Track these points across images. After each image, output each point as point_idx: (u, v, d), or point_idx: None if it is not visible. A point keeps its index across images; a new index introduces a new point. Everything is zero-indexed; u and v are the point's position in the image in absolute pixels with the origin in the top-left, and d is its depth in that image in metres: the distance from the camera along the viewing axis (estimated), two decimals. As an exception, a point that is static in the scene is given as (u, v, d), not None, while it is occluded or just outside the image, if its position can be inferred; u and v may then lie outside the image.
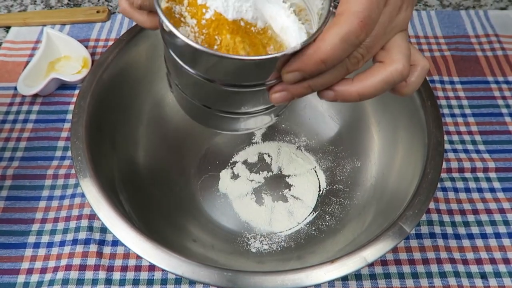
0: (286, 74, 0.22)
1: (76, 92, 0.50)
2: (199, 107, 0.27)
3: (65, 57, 0.52)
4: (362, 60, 0.23)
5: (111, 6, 0.58)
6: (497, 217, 0.41)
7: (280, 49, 0.24)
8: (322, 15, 0.24)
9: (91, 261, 0.38)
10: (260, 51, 0.23)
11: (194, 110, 0.28)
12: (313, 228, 0.40)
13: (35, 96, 0.49)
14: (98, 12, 0.56)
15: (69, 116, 0.48)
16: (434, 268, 0.38)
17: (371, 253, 0.27)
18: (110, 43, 0.54)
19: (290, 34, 0.24)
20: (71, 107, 0.48)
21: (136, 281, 0.37)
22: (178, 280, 0.38)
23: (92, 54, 0.52)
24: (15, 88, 0.49)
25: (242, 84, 0.24)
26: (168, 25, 0.22)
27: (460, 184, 0.43)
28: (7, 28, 0.56)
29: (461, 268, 0.38)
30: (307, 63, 0.22)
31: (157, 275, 0.38)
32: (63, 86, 0.50)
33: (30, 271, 0.38)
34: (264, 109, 0.27)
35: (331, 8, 0.23)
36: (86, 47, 0.52)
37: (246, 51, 0.23)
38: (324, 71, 0.22)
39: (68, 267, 0.38)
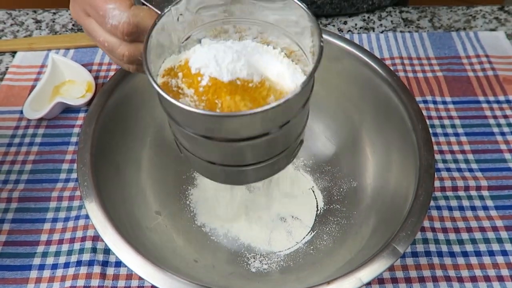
0: None
1: (81, 115, 0.51)
2: (215, 167, 0.28)
3: (70, 81, 0.54)
4: None
5: (113, 30, 0.60)
6: (491, 234, 0.42)
7: (280, 96, 0.25)
8: (315, 53, 0.26)
9: (95, 282, 0.39)
10: (261, 104, 0.24)
11: (212, 171, 0.30)
12: (312, 247, 0.41)
13: (40, 119, 0.50)
14: (101, 37, 0.58)
15: (74, 139, 0.49)
16: (430, 286, 0.39)
17: (366, 274, 0.28)
18: (113, 67, 0.56)
19: (287, 78, 0.25)
20: (76, 130, 0.50)
21: (139, 302, 0.38)
22: (180, 300, 0.38)
23: (96, 78, 0.54)
24: (21, 112, 0.51)
25: (251, 136, 0.25)
26: (169, 99, 0.23)
27: (454, 203, 0.44)
28: (13, 53, 0.57)
29: (456, 286, 0.39)
30: None
31: (160, 295, 0.39)
32: (68, 109, 0.51)
33: (35, 293, 0.39)
34: (276, 155, 0.28)
35: (321, 44, 0.25)
36: (90, 71, 0.54)
37: (248, 107, 0.24)
38: None
39: (73, 289, 0.39)
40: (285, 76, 0.25)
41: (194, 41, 0.30)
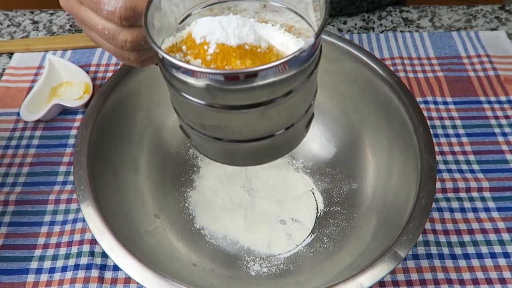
0: None
1: (78, 117, 0.51)
2: (225, 145, 0.27)
3: (67, 82, 0.53)
4: None
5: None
6: (492, 236, 0.42)
7: None
8: (322, 6, 0.25)
9: (93, 286, 0.39)
10: None
11: (218, 150, 0.28)
12: (312, 250, 0.40)
13: (38, 121, 0.50)
14: (99, 37, 0.57)
15: (71, 141, 0.49)
16: (431, 289, 0.39)
17: (367, 279, 0.28)
18: (111, 68, 0.55)
19: (292, 46, 0.25)
20: (73, 132, 0.49)
21: (137, 306, 0.38)
22: (179, 304, 0.38)
23: (93, 79, 0.53)
24: (18, 114, 0.50)
25: (260, 102, 0.24)
26: (175, 61, 0.22)
27: (455, 204, 0.44)
28: (10, 54, 0.57)
29: (458, 288, 0.39)
30: None
31: (158, 299, 0.38)
32: (65, 111, 0.51)
33: (32, 297, 0.38)
34: (284, 129, 0.27)
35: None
36: (87, 72, 0.54)
37: None
38: None
39: (70, 293, 0.38)
40: (290, 45, 0.25)
41: (191, 22, 0.29)
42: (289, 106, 0.26)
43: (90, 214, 0.31)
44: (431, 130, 0.36)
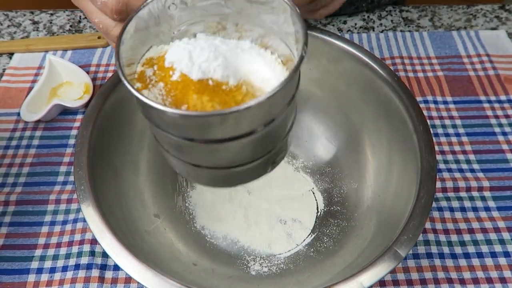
0: None
1: (78, 117, 0.51)
2: (194, 168, 0.27)
3: (67, 82, 0.53)
4: None
5: (111, 31, 0.60)
6: (493, 236, 0.42)
7: None
8: (298, 47, 0.24)
9: (93, 286, 0.39)
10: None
11: (190, 171, 0.29)
12: (312, 249, 0.40)
13: (38, 121, 0.50)
14: (99, 38, 0.57)
15: (71, 141, 0.49)
16: (431, 288, 0.39)
17: (367, 278, 0.28)
18: (111, 68, 0.55)
19: (273, 85, 0.24)
20: (73, 132, 0.49)
21: (137, 306, 0.38)
22: (179, 304, 0.38)
23: (94, 80, 0.53)
24: (18, 114, 0.50)
25: (220, 138, 0.23)
26: (129, 87, 0.22)
27: (455, 204, 0.44)
28: (10, 55, 0.57)
29: (458, 287, 0.39)
30: None
31: (159, 299, 0.38)
32: (65, 111, 0.51)
33: (33, 297, 0.38)
34: (258, 158, 0.27)
35: (305, 35, 0.23)
36: (88, 72, 0.54)
37: (216, 109, 0.23)
38: None
39: (71, 293, 0.38)
40: (271, 83, 0.24)
41: (190, 34, 0.29)
42: (253, 142, 0.25)
43: (90, 214, 0.31)
44: (431, 129, 0.36)
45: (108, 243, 0.29)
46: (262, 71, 0.25)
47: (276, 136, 0.27)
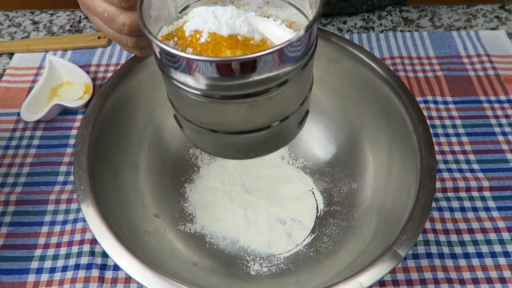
0: None
1: (78, 117, 0.51)
2: (219, 137, 0.27)
3: (67, 82, 0.53)
4: None
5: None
6: (492, 236, 0.42)
7: None
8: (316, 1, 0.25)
9: (93, 285, 0.39)
10: None
11: (209, 141, 0.28)
12: (312, 250, 0.40)
13: (38, 121, 0.50)
14: (99, 38, 0.57)
15: (71, 141, 0.49)
16: (431, 288, 0.39)
17: (367, 278, 0.28)
18: (111, 68, 0.55)
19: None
20: (73, 132, 0.50)
21: (137, 306, 0.38)
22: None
23: (94, 80, 0.53)
24: (18, 114, 0.50)
25: (251, 93, 0.24)
26: (168, 48, 0.22)
27: (455, 204, 0.44)
28: (11, 55, 0.57)
29: (458, 287, 0.39)
30: None
31: (158, 299, 0.38)
32: (65, 111, 0.51)
33: (33, 297, 0.38)
34: (279, 121, 0.27)
35: None
36: (88, 72, 0.54)
37: None
38: None
39: (71, 293, 0.38)
40: (287, 38, 0.25)
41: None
42: (284, 97, 0.26)
43: (90, 214, 0.31)
44: (431, 129, 0.36)
45: (108, 243, 0.29)
46: (275, 30, 0.26)
47: (302, 91, 0.28)
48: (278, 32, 0.26)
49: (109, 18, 0.28)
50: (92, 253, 0.40)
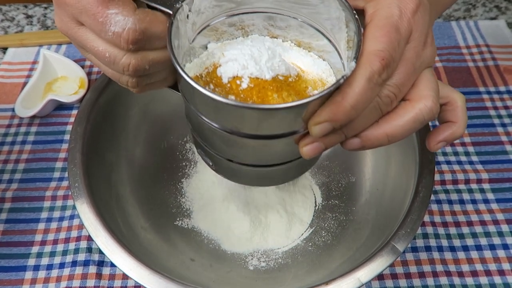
0: (314, 126, 0.21)
1: (73, 112, 0.50)
2: (250, 171, 0.27)
3: (62, 77, 0.53)
4: (395, 100, 0.23)
5: (106, 25, 0.59)
6: (491, 228, 0.42)
7: (316, 86, 0.24)
8: (354, 41, 0.23)
9: (91, 282, 0.39)
10: (306, 96, 0.23)
11: (247, 177, 0.29)
12: (310, 244, 0.40)
13: (33, 117, 0.49)
14: (93, 31, 0.57)
15: (67, 137, 0.48)
16: (430, 281, 0.39)
17: (365, 273, 0.28)
18: (106, 62, 0.55)
19: (312, 66, 0.25)
20: (69, 127, 0.49)
21: (135, 302, 0.38)
22: (177, 299, 0.38)
23: (89, 74, 0.53)
24: (13, 110, 0.50)
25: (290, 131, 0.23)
26: (215, 97, 0.21)
27: (454, 196, 0.44)
28: (4, 50, 0.56)
29: (456, 280, 0.39)
30: (337, 111, 0.21)
31: (156, 295, 0.38)
32: (60, 106, 0.51)
33: (30, 294, 0.38)
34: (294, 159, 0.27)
35: (361, 30, 0.23)
36: (83, 67, 0.53)
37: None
38: (355, 117, 0.21)
39: (68, 289, 0.38)
40: (310, 65, 0.24)
41: (200, 46, 0.28)
42: None
43: (85, 212, 0.30)
44: (429, 122, 0.36)
45: (103, 240, 0.29)
46: (297, 57, 0.25)
47: None
48: (300, 59, 0.26)
49: (111, 59, 0.25)
50: (89, 250, 0.40)
